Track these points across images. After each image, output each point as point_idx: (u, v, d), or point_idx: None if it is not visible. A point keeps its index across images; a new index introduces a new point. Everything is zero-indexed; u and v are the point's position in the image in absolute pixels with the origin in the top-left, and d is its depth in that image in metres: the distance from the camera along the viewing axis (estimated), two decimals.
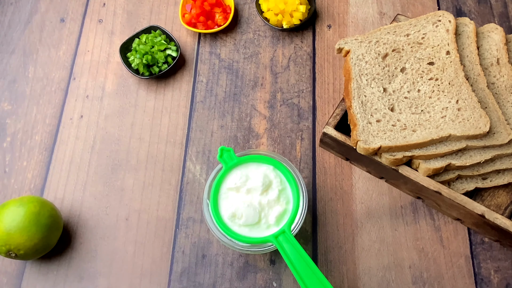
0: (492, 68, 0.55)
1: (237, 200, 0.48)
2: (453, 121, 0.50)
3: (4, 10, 0.70)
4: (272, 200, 0.48)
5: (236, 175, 0.49)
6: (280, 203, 0.48)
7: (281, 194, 0.48)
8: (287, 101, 0.63)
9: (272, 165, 0.50)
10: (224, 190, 0.49)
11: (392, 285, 0.52)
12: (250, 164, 0.50)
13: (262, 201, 0.48)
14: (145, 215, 0.56)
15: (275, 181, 0.49)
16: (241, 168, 0.49)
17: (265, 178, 0.49)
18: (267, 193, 0.48)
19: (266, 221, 0.47)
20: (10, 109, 0.63)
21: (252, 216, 0.47)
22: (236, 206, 0.47)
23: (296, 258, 0.44)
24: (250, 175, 0.49)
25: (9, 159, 0.60)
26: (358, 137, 0.51)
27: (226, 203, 0.48)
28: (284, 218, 0.47)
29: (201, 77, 0.65)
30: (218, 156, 0.49)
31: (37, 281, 0.53)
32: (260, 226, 0.47)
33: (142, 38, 0.64)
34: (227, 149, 0.49)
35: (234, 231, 0.47)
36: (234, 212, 0.47)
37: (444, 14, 0.56)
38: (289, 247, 0.45)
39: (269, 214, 0.48)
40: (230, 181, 0.49)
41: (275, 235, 0.45)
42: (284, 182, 0.49)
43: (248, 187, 0.48)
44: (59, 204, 0.57)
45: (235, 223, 0.47)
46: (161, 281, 0.53)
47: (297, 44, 0.67)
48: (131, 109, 0.63)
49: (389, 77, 0.54)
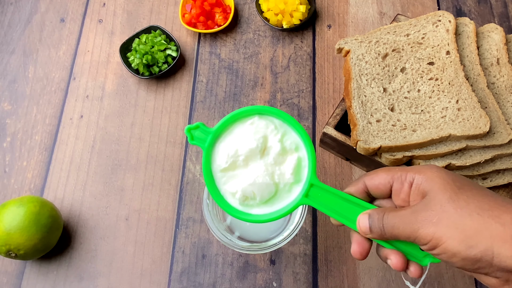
0: (492, 68, 0.55)
1: (239, 179, 0.39)
2: (453, 121, 0.50)
3: (4, 10, 0.70)
4: (277, 155, 0.39)
5: (223, 151, 0.39)
6: (288, 152, 0.39)
7: (284, 142, 0.39)
8: (287, 101, 0.63)
9: (256, 114, 0.39)
10: (218, 175, 0.39)
11: (392, 285, 0.52)
12: (231, 129, 0.39)
13: (267, 164, 0.39)
14: (145, 215, 0.56)
15: (269, 130, 0.39)
16: (223, 139, 0.39)
17: (256, 134, 0.39)
18: (268, 150, 0.39)
19: (284, 183, 0.39)
20: (10, 109, 0.63)
21: (267, 188, 0.38)
22: (242, 187, 0.38)
23: (337, 204, 0.36)
24: (238, 142, 0.39)
25: (9, 159, 0.60)
26: (358, 137, 0.51)
27: (229, 187, 0.39)
28: (302, 169, 0.39)
29: (201, 77, 0.65)
30: (189, 140, 0.39)
31: (37, 281, 0.53)
32: (280, 193, 0.39)
33: (142, 38, 0.64)
34: (195, 126, 0.39)
35: (255, 215, 0.38)
36: (244, 195, 0.38)
37: (444, 14, 0.56)
38: (324, 197, 0.37)
39: (284, 174, 0.39)
40: (219, 161, 0.39)
41: (305, 194, 0.37)
42: (280, 127, 0.39)
43: (243, 156, 0.38)
44: (59, 204, 0.57)
45: (251, 205, 0.39)
46: (161, 281, 0.53)
47: (297, 44, 0.67)
48: (131, 109, 0.63)
49: (389, 77, 0.54)
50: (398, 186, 0.34)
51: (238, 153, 0.38)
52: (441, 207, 0.30)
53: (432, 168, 0.33)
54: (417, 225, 0.30)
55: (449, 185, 0.31)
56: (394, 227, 0.32)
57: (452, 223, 0.29)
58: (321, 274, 0.53)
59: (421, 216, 0.30)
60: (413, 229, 0.30)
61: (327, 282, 0.53)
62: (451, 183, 0.31)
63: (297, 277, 0.53)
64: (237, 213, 0.39)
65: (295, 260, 0.54)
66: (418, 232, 0.30)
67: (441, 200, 0.30)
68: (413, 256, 0.34)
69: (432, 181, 0.32)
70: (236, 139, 0.39)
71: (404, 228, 0.31)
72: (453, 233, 0.29)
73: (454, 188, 0.31)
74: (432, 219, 0.30)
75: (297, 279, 0.53)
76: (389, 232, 0.32)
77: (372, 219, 0.34)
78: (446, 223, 0.29)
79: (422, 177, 0.32)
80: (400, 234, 0.31)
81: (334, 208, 0.36)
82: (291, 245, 0.55)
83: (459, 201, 0.30)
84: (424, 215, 0.30)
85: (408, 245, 0.34)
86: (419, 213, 0.31)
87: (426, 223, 0.30)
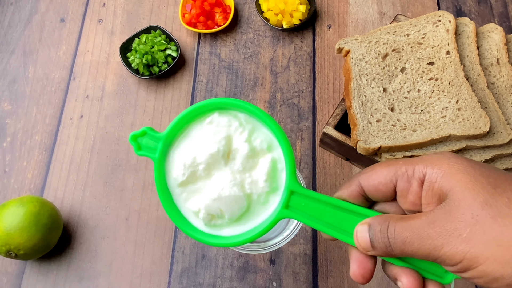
0: (492, 68, 0.55)
1: (201, 194, 0.31)
2: (453, 121, 0.50)
3: (4, 10, 0.70)
4: (246, 159, 0.31)
5: (178, 160, 0.31)
6: (260, 154, 0.31)
7: (253, 141, 0.31)
8: (287, 101, 0.63)
9: (215, 110, 0.31)
10: (177, 191, 0.31)
11: (392, 285, 0.52)
12: (186, 131, 0.32)
13: (234, 171, 0.31)
14: (145, 215, 0.56)
15: (233, 128, 0.31)
16: (178, 145, 0.32)
17: (217, 135, 0.31)
18: (233, 154, 0.31)
19: (258, 194, 0.31)
20: (10, 109, 0.63)
21: (236, 202, 0.30)
22: (205, 203, 0.31)
23: (326, 213, 0.29)
24: (195, 147, 0.31)
25: (9, 159, 0.60)
26: (358, 137, 0.51)
27: (191, 205, 0.31)
28: (279, 173, 0.31)
29: (201, 77, 0.65)
30: (135, 150, 0.31)
31: (37, 281, 0.53)
32: (254, 207, 0.31)
33: (142, 38, 0.64)
34: (141, 132, 0.31)
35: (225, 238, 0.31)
36: (208, 213, 0.31)
37: (444, 14, 0.56)
38: (309, 206, 0.29)
39: (257, 181, 0.31)
40: (175, 174, 0.31)
41: (284, 205, 0.30)
42: (246, 122, 0.31)
43: (203, 165, 0.31)
44: (59, 204, 0.57)
45: (219, 226, 0.31)
46: (161, 281, 0.53)
47: (297, 44, 0.67)
48: (131, 109, 0.63)
49: (389, 77, 0.54)
50: (404, 185, 0.26)
51: (196, 161, 0.31)
52: (473, 216, 0.22)
53: (449, 157, 0.25)
54: (439, 241, 0.23)
55: (479, 183, 0.23)
56: (406, 243, 0.24)
57: (492, 238, 0.22)
58: (321, 274, 0.53)
59: (444, 228, 0.23)
60: (433, 246, 0.23)
61: (327, 282, 0.53)
62: (482, 180, 0.23)
63: (297, 277, 0.53)
64: (202, 236, 0.31)
65: (295, 260, 0.54)
66: (442, 251, 0.23)
67: (472, 206, 0.22)
68: (431, 272, 0.26)
69: (452, 177, 0.24)
70: (193, 144, 0.31)
71: (421, 245, 0.23)
72: (494, 252, 0.21)
73: (487, 188, 0.23)
74: (462, 233, 0.22)
75: (297, 279, 0.53)
76: (399, 249, 0.25)
77: (373, 231, 0.26)
78: (483, 238, 0.22)
79: (437, 172, 0.24)
80: (415, 252, 0.24)
81: (324, 219, 0.29)
82: (291, 245, 0.55)
83: (499, 206, 0.22)
84: (449, 227, 0.23)
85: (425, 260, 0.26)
86: (441, 224, 0.23)
87: (453, 239, 0.22)
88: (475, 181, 0.23)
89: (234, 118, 0.31)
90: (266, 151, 0.31)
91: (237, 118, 0.31)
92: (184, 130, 0.32)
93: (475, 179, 0.23)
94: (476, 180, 0.23)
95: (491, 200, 0.22)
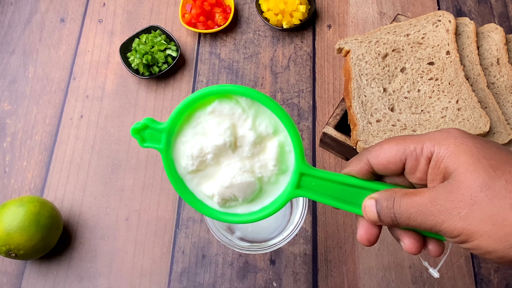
0: (492, 68, 0.55)
1: (213, 179, 0.33)
2: (453, 121, 0.50)
3: (4, 10, 0.70)
4: (253, 146, 0.31)
5: (185, 152, 0.32)
6: (266, 138, 0.32)
7: (258, 127, 0.31)
8: (287, 101, 0.63)
9: (216, 99, 0.31)
10: (188, 177, 0.33)
11: (392, 285, 0.52)
12: (190, 119, 0.32)
13: (243, 158, 0.32)
14: (145, 215, 0.56)
15: (236, 116, 0.31)
16: (183, 134, 0.32)
17: (221, 125, 0.31)
18: (240, 142, 0.32)
19: (268, 175, 0.32)
20: (10, 109, 0.63)
21: (248, 187, 0.32)
22: (218, 190, 0.32)
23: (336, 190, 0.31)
24: (200, 138, 0.32)
25: (9, 159, 0.60)
26: (358, 137, 0.51)
27: (205, 189, 0.33)
28: (287, 155, 0.32)
29: (201, 77, 0.65)
30: (139, 143, 0.32)
31: (37, 281, 0.53)
32: (266, 187, 0.33)
33: (142, 38, 0.64)
34: (142, 125, 0.31)
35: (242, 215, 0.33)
36: (223, 198, 0.32)
37: (444, 14, 0.56)
38: (319, 185, 0.31)
39: (266, 165, 0.32)
40: (184, 164, 0.32)
41: (295, 185, 0.31)
42: (249, 108, 0.31)
43: (211, 155, 0.32)
44: (59, 204, 0.57)
45: (234, 206, 0.33)
46: (161, 281, 0.53)
47: (297, 44, 0.67)
48: (131, 109, 0.63)
49: (389, 77, 0.54)
50: (412, 164, 0.28)
51: (204, 152, 0.31)
52: (472, 196, 0.24)
53: (455, 136, 0.26)
54: (440, 217, 0.25)
55: (481, 165, 0.25)
56: (410, 218, 0.27)
57: (488, 217, 0.24)
58: (321, 274, 0.53)
59: (444, 207, 0.25)
60: (435, 222, 0.25)
61: (327, 282, 0.53)
62: (484, 162, 0.25)
63: (297, 277, 0.53)
64: (220, 215, 0.33)
65: (295, 260, 0.54)
66: (443, 226, 0.25)
67: (471, 188, 0.24)
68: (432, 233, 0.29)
69: (457, 158, 0.25)
70: (198, 134, 0.32)
71: (423, 220, 0.26)
72: (489, 229, 0.24)
73: (488, 170, 0.24)
74: (460, 212, 0.24)
75: (297, 279, 0.53)
76: (404, 223, 0.27)
77: (380, 206, 0.28)
78: (479, 217, 0.24)
79: (444, 152, 0.26)
80: (419, 226, 0.26)
81: (334, 195, 0.31)
82: (291, 245, 0.55)
83: (496, 189, 0.24)
84: (449, 206, 0.25)
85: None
86: (442, 203, 0.25)
87: (452, 217, 0.25)
88: (477, 163, 0.25)
89: (236, 105, 0.31)
90: (272, 135, 0.32)
91: (239, 104, 0.31)
92: (187, 119, 0.32)
93: (477, 161, 0.25)
94: (479, 162, 0.25)
95: (490, 183, 0.24)
